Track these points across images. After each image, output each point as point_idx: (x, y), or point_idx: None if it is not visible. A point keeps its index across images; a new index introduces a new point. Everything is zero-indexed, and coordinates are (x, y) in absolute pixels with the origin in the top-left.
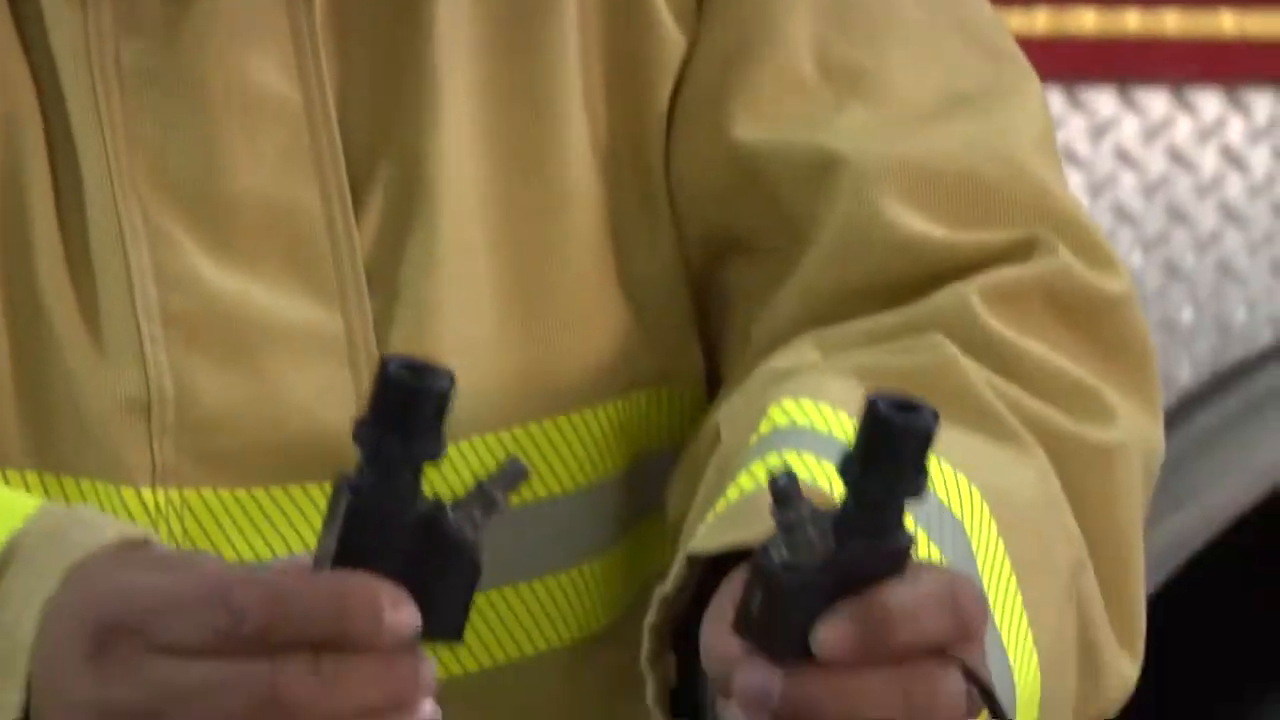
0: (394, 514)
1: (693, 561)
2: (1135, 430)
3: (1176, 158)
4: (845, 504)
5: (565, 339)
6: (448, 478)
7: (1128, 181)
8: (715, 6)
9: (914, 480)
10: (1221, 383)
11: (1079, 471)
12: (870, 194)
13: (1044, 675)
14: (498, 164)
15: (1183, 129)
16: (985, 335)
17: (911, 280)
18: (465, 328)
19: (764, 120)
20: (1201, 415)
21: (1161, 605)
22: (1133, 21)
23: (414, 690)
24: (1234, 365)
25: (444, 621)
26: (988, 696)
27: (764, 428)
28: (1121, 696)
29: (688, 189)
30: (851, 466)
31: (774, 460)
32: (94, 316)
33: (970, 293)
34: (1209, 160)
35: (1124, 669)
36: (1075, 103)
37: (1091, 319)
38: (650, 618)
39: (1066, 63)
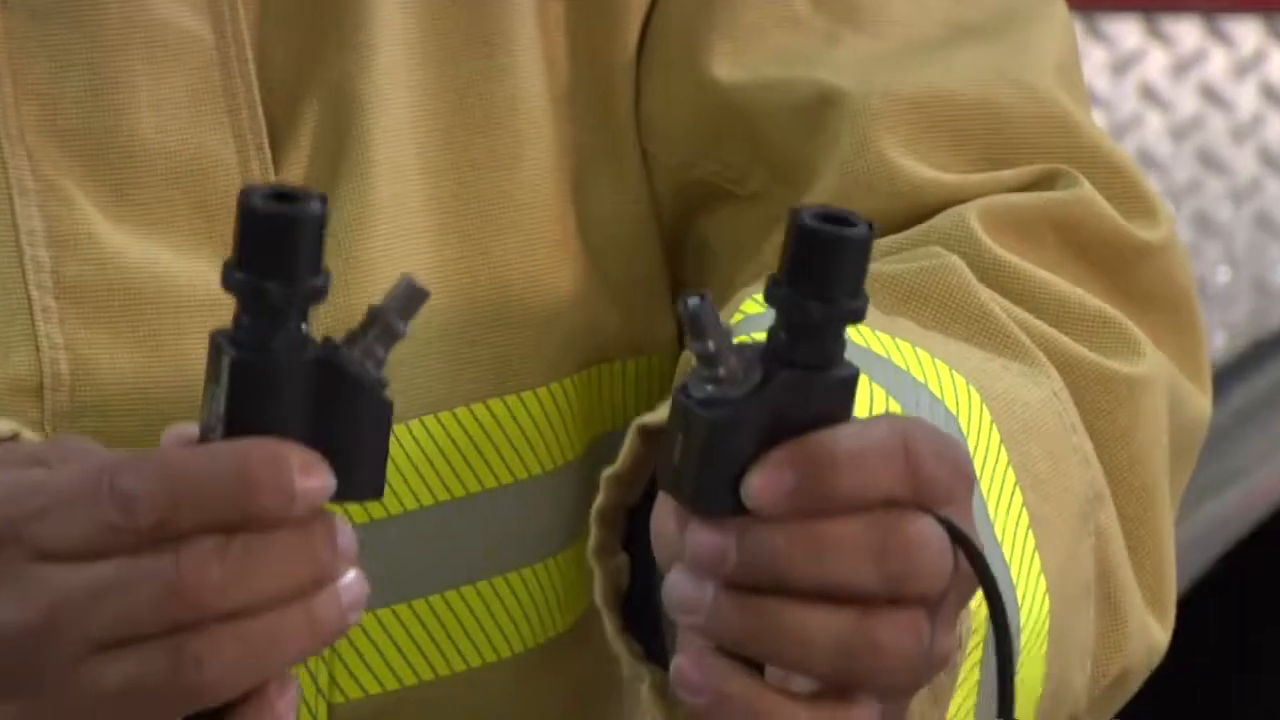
0: (284, 364)
1: (645, 435)
2: (1167, 373)
3: (1210, 96)
4: (773, 330)
5: (520, 306)
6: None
7: (1154, 123)
8: None
9: (850, 300)
10: (1262, 351)
11: (1099, 401)
12: (871, 133)
13: (1054, 604)
14: (440, 111)
15: (1216, 63)
16: (988, 257)
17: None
18: None
19: (749, 55)
20: (1240, 388)
21: (1201, 596)
22: None
23: (333, 560)
24: (1276, 331)
25: (361, 477)
26: (972, 554)
27: (735, 319)
28: (1148, 660)
29: (662, 134)
30: (777, 288)
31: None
32: None
33: (968, 213)
34: (1246, 99)
35: (1152, 631)
36: (1095, 33)
37: (1117, 264)
38: (598, 501)
39: None
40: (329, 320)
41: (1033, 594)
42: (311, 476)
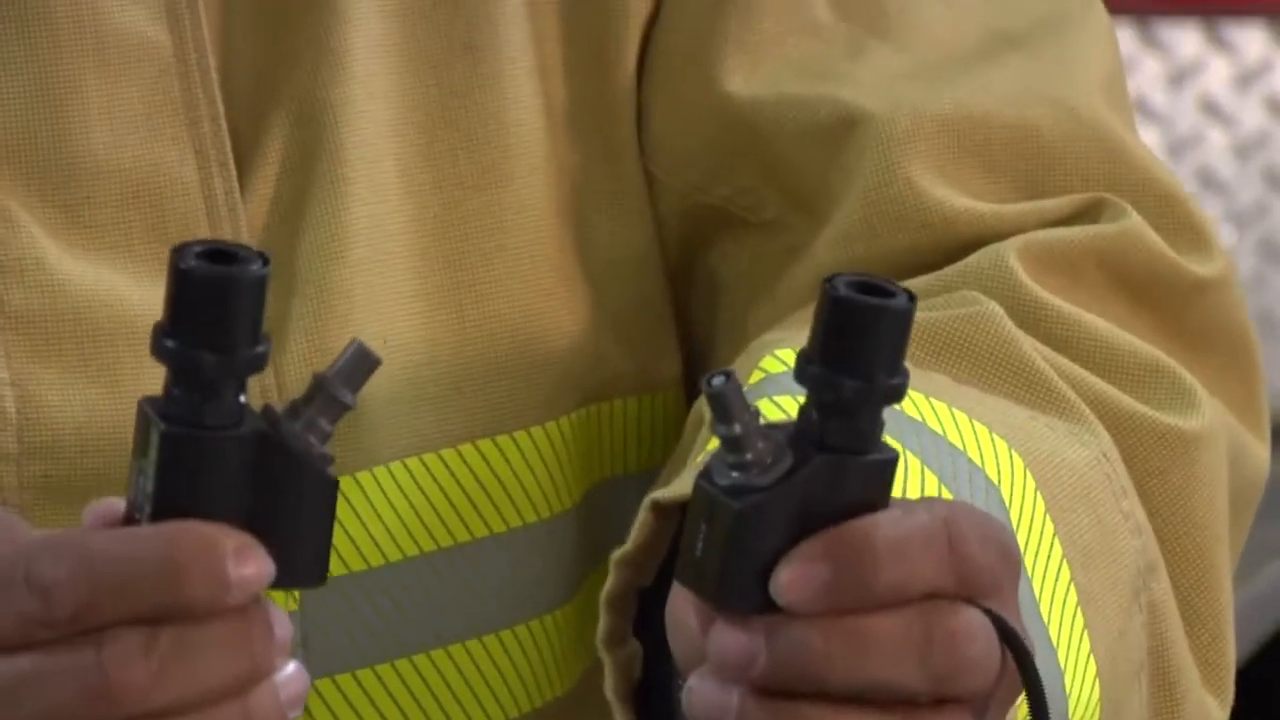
0: (218, 440)
1: (658, 512)
2: (1224, 425)
3: (1277, 110)
4: (804, 411)
5: (511, 338)
6: (361, 513)
7: (1216, 140)
8: None
9: (889, 377)
10: None
11: (1151, 460)
12: (900, 159)
13: (1104, 688)
14: (422, 123)
15: None
16: (1029, 300)
17: (950, 263)
18: (383, 324)
19: (764, 69)
20: None
21: (1262, 663)
22: None
23: (270, 653)
24: None
25: (303, 561)
26: (1019, 651)
27: (754, 378)
28: None
29: (668, 155)
30: (809, 365)
31: (765, 406)
32: None
33: (1007, 251)
34: None
35: (1209, 710)
36: (1150, 42)
37: (1168, 303)
38: (608, 585)
39: None
40: (299, 356)
41: (1082, 678)
42: (247, 563)
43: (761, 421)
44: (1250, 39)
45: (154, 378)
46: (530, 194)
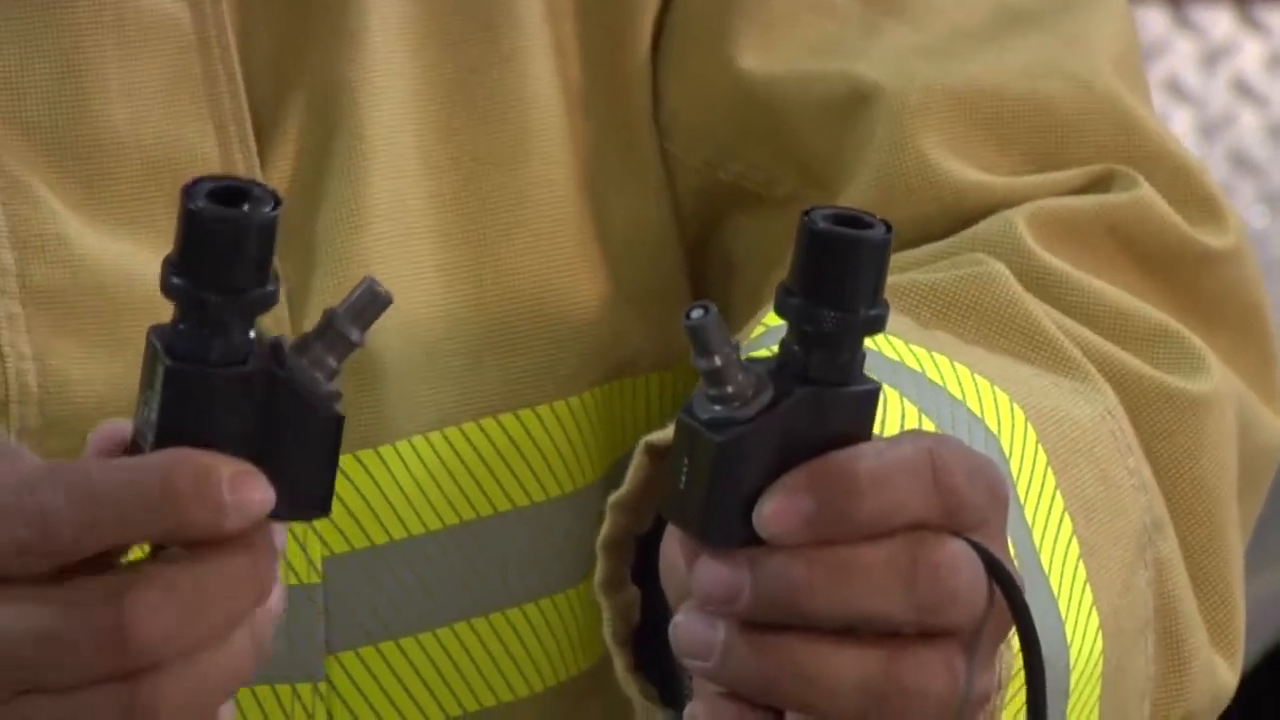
0: (222, 377)
1: (654, 455)
2: (1234, 392)
3: None
4: (785, 343)
5: (532, 313)
6: (383, 486)
7: (1249, 121)
8: None
9: (868, 308)
10: None
11: (1159, 421)
12: (911, 132)
13: (1107, 642)
14: (440, 100)
15: None
16: (1037, 265)
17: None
18: (405, 298)
19: (778, 45)
20: None
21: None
22: None
23: (274, 578)
24: None
25: (307, 493)
26: (1005, 581)
27: (755, 332)
28: (1214, 704)
29: (684, 131)
30: (789, 297)
31: (763, 355)
32: None
33: (1015, 217)
34: None
35: (1218, 671)
36: (1183, 22)
37: (1178, 273)
38: (604, 529)
39: None
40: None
41: (1084, 631)
42: (244, 488)
43: (742, 355)
44: None
45: None
46: (548, 170)
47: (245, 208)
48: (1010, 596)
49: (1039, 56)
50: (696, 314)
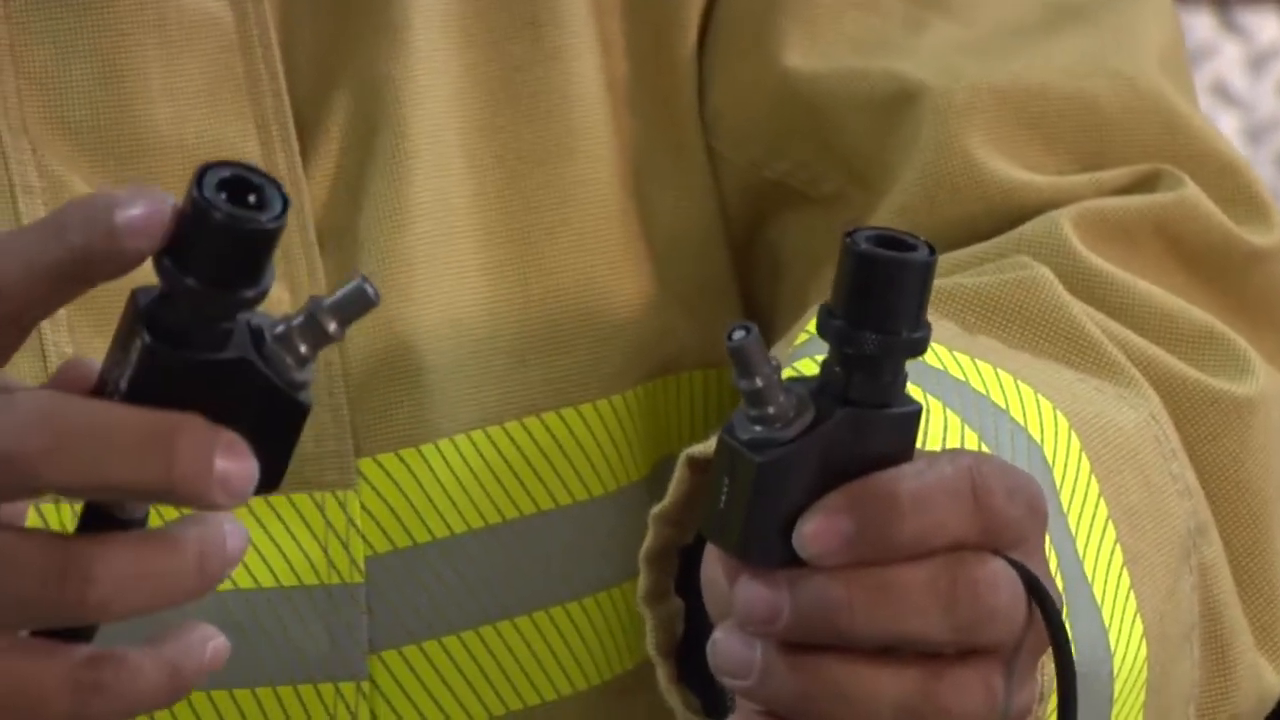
0: (196, 361)
1: (695, 467)
2: (1278, 393)
3: None
4: (826, 365)
5: (577, 311)
6: (425, 485)
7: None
8: None
9: (911, 331)
10: None
11: (1203, 424)
12: (957, 131)
13: (1152, 648)
14: (484, 98)
15: None
16: (1083, 267)
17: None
18: (448, 296)
19: (823, 43)
20: None
21: None
22: None
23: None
24: None
25: (264, 472)
26: (1043, 600)
27: (799, 339)
28: (1259, 707)
29: (729, 129)
30: (830, 319)
31: (806, 365)
32: None
33: (1061, 219)
34: None
35: (1263, 674)
36: (1230, 25)
37: (1225, 272)
38: (647, 542)
39: None
40: (362, 326)
41: (1128, 638)
42: (235, 457)
43: (783, 376)
44: None
45: None
46: (593, 168)
47: (251, 200)
48: (1048, 614)
49: (1084, 53)
50: (738, 335)
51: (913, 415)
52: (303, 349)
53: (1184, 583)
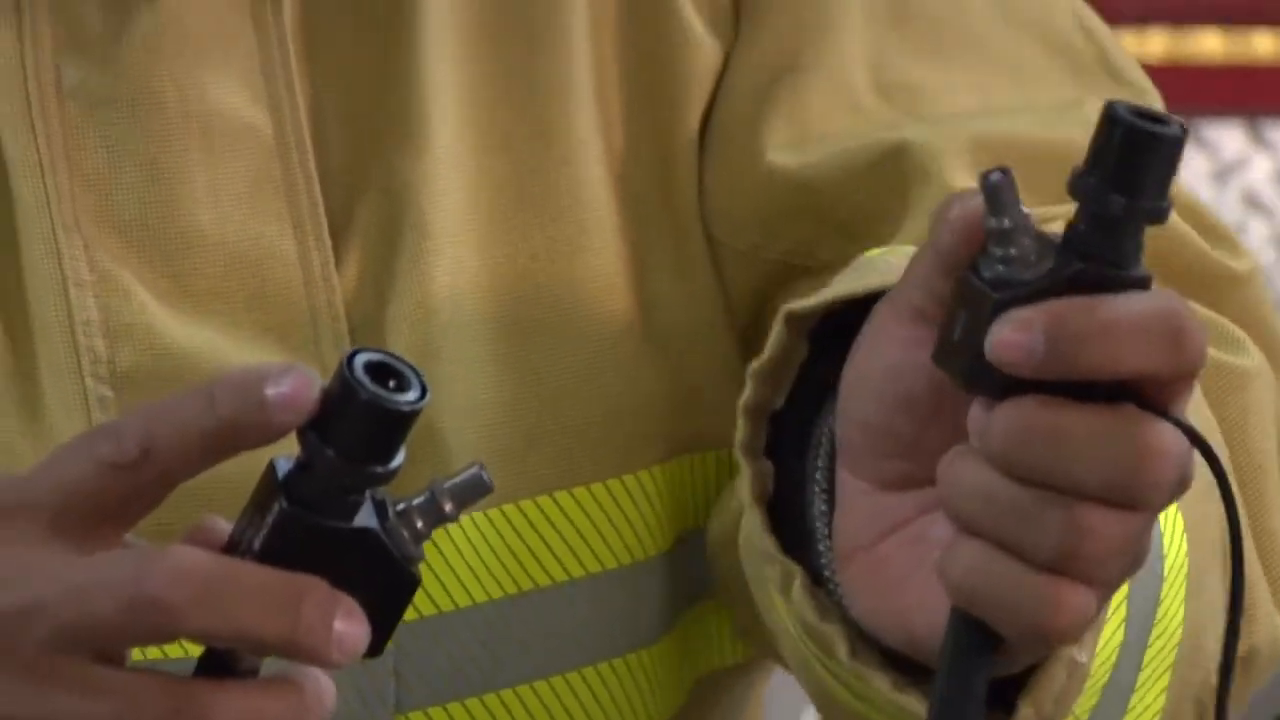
0: (328, 530)
1: (792, 324)
2: (1271, 377)
3: None
4: (1074, 221)
5: (586, 396)
6: (449, 557)
7: (1258, 231)
8: (755, 11)
9: (1156, 201)
10: None
11: (1209, 390)
12: (944, 172)
13: (1191, 549)
14: (498, 201)
15: None
16: None
17: None
18: (465, 384)
19: (810, 142)
20: None
21: None
22: (1264, 45)
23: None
24: None
25: (373, 637)
26: (1213, 461)
27: (845, 271)
28: (1274, 650)
29: (727, 219)
30: (1082, 178)
31: (868, 266)
32: (31, 373)
33: None
34: None
35: (1276, 622)
36: (1197, 140)
37: (1209, 293)
38: (745, 395)
39: (1187, 93)
40: None
41: (1171, 529)
42: (353, 622)
43: (1033, 224)
44: None
45: None
46: (600, 264)
47: (392, 384)
48: (1218, 474)
49: (1058, 113)
50: (995, 176)
51: (1145, 279)
52: (420, 525)
53: (1211, 505)
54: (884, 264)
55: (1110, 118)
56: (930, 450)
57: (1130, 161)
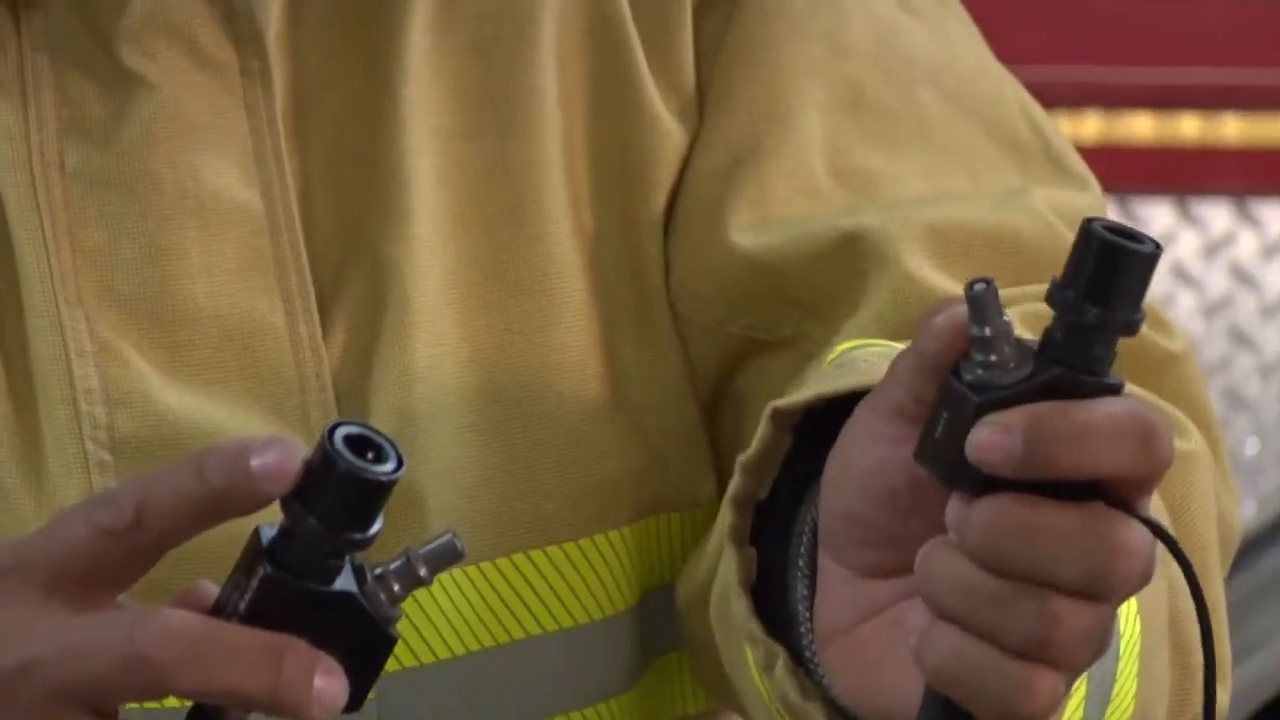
0: (309, 593)
1: (778, 421)
2: (1209, 460)
3: (1240, 276)
4: (1051, 329)
5: (558, 462)
6: (430, 612)
7: (1186, 302)
8: (719, 100)
9: (1130, 312)
10: None
11: None
12: (899, 256)
13: (1143, 626)
14: (475, 277)
15: (1246, 245)
16: None
17: None
18: (445, 449)
19: (771, 223)
20: (1269, 556)
21: None
22: (1190, 128)
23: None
24: None
25: (351, 693)
26: (1183, 561)
27: (830, 357)
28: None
29: (692, 296)
30: (1060, 290)
31: (849, 366)
32: (35, 437)
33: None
34: (1275, 279)
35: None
36: (1129, 217)
37: (1146, 373)
38: (732, 487)
39: (1120, 173)
40: None
41: (1126, 609)
42: (332, 679)
43: (1013, 332)
44: (1216, 214)
45: None
46: (571, 336)
47: (370, 455)
48: (1189, 577)
49: (1005, 201)
50: (979, 286)
51: (1116, 388)
52: (396, 589)
53: (1159, 585)
54: (864, 364)
55: (1088, 234)
56: (909, 541)
57: (1106, 276)
